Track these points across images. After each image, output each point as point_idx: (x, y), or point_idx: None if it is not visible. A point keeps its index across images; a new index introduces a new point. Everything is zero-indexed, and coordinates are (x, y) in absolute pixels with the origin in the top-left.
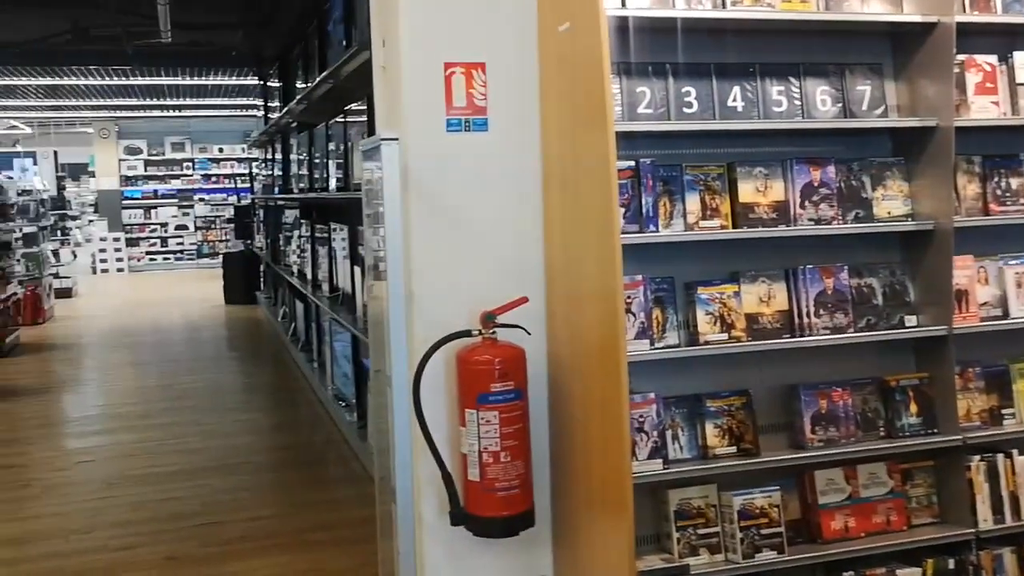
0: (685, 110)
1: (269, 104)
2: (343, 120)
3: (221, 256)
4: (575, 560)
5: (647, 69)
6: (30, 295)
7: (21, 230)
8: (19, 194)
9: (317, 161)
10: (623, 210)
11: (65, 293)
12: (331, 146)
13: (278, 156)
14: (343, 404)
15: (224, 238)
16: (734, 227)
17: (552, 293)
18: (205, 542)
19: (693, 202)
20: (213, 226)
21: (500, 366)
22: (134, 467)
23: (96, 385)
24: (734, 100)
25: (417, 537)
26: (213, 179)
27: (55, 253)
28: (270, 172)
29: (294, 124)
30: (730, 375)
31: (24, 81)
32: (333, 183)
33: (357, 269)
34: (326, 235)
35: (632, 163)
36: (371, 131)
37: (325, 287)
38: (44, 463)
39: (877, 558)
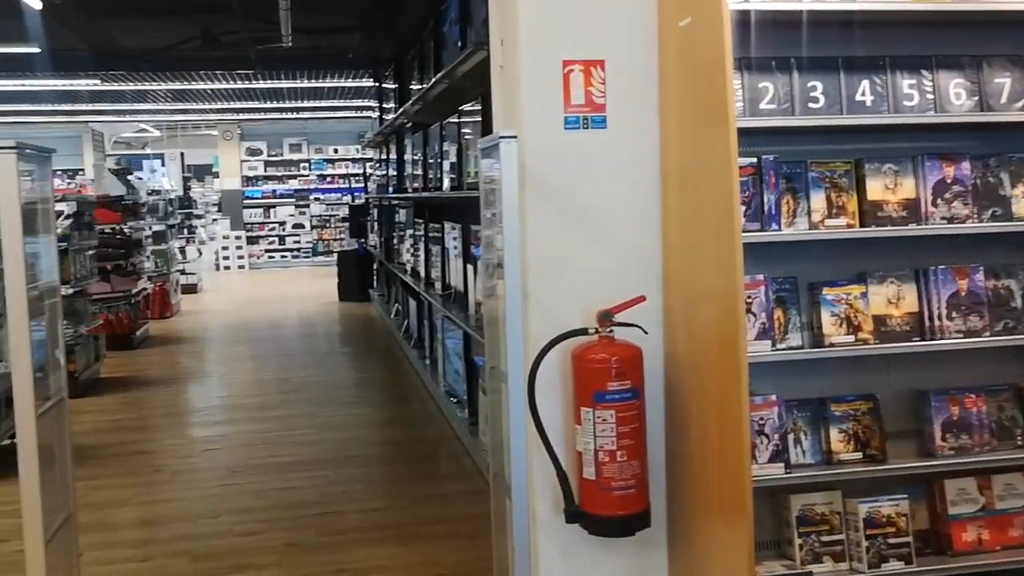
0: (811, 105)
1: (384, 105)
2: (457, 120)
3: (336, 254)
4: (691, 564)
5: (770, 64)
6: (158, 290)
7: (151, 228)
8: (149, 194)
9: (431, 161)
10: (744, 208)
11: (191, 289)
12: (444, 146)
13: (392, 156)
14: (455, 400)
15: (338, 236)
16: (861, 226)
17: (670, 292)
18: (323, 531)
19: (818, 200)
20: (327, 225)
21: (617, 365)
22: (255, 456)
23: (218, 377)
24: (862, 94)
25: (531, 534)
26: (328, 179)
27: (182, 250)
28: (384, 172)
29: (408, 124)
30: (856, 379)
31: (155, 86)
32: (447, 182)
33: (470, 267)
34: (439, 234)
35: (754, 160)
36: (486, 130)
37: (438, 285)
38: (172, 450)
39: (1012, 573)
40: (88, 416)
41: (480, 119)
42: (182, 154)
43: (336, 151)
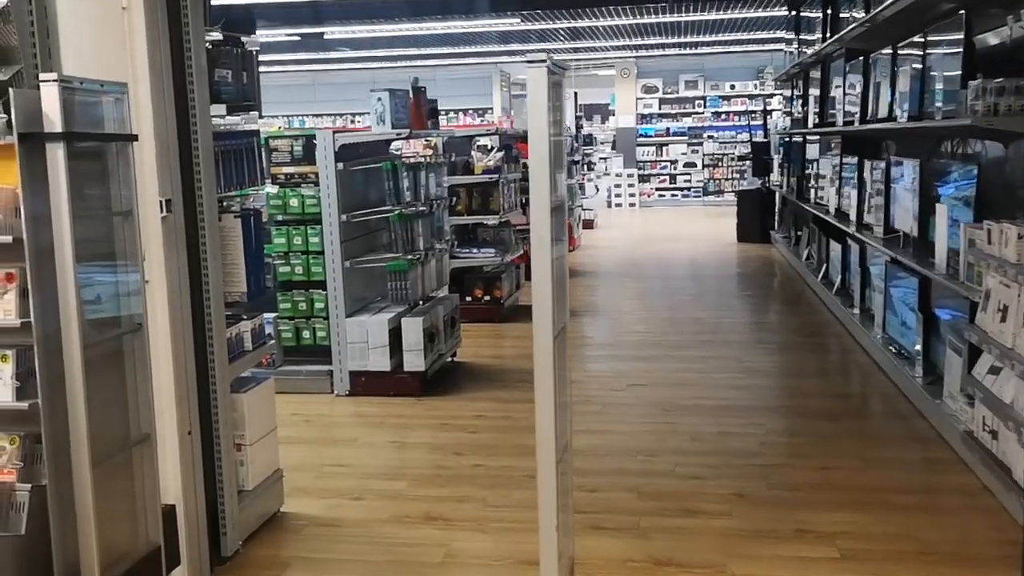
0: None
1: (802, 37)
2: (922, 40)
3: (732, 194)
4: None
5: None
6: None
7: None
8: None
9: (871, 92)
10: None
11: (587, 224)
12: (897, 72)
13: (811, 90)
14: (900, 355)
15: (730, 176)
16: None
17: None
18: (772, 484)
19: None
20: (720, 164)
21: None
22: (683, 397)
23: (627, 312)
24: None
25: None
26: (723, 116)
27: (580, 187)
28: (796, 107)
29: (838, 53)
30: None
31: (556, 25)
32: (900, 113)
33: (939, 208)
34: (880, 171)
35: None
36: (969, 53)
37: (877, 228)
38: (598, 382)
39: None
40: (515, 342)
41: (963, 37)
42: (575, 93)
43: (732, 87)
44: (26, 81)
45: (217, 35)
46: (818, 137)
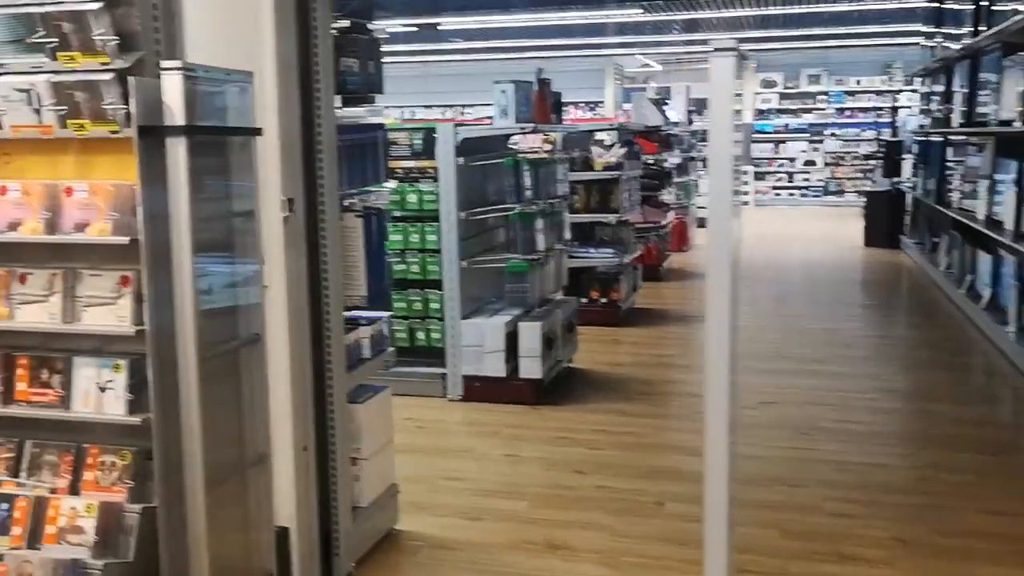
0: None
1: (945, 30)
2: None
3: (864, 195)
4: None
5: None
6: (678, 223)
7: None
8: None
9: None
10: None
11: (701, 222)
12: None
13: (956, 87)
14: None
15: (852, 175)
16: None
17: None
18: (937, 529)
19: None
20: (842, 162)
21: None
22: (822, 418)
23: (749, 319)
24: None
25: None
26: (847, 113)
27: (695, 184)
28: (938, 104)
29: (991, 47)
30: None
31: (672, 16)
32: None
33: None
34: None
35: None
36: None
37: None
38: None
39: None
40: (633, 348)
41: None
42: (687, 87)
43: (858, 82)
44: (147, 70)
45: (344, 22)
46: (964, 138)
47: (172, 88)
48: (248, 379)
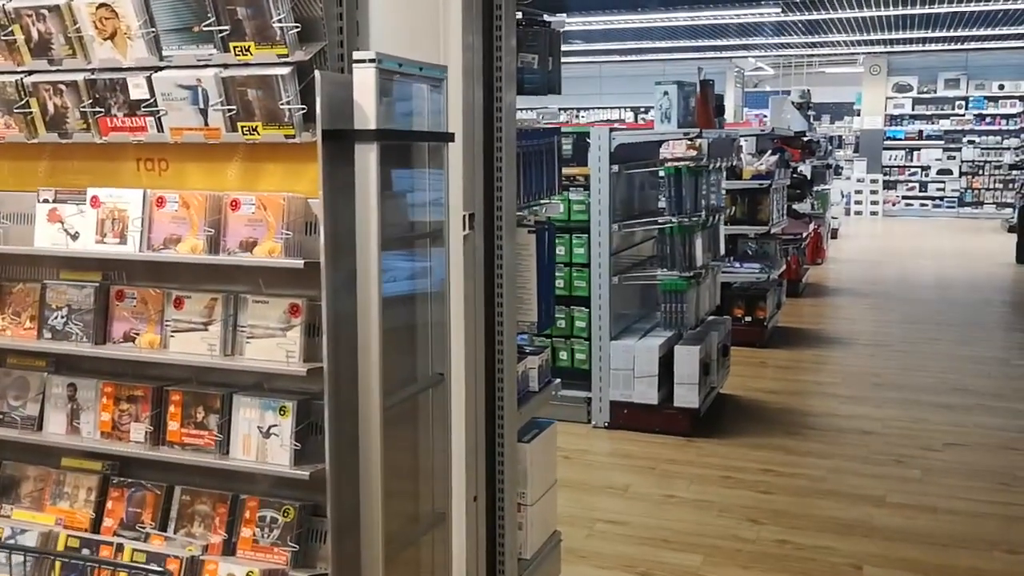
0: None
1: None
2: None
3: (1017, 209)
4: None
5: None
6: (814, 234)
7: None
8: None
9: None
10: None
11: (832, 233)
12: None
13: None
14: None
15: (991, 186)
16: None
17: None
18: None
19: None
20: (981, 172)
21: None
22: (1021, 467)
23: (906, 344)
24: None
25: None
26: (987, 120)
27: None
28: None
29: None
30: None
31: (790, 17)
32: None
33: None
34: None
35: None
36: None
37: None
38: (903, 435)
39: None
40: (783, 372)
41: None
42: (808, 91)
43: (1002, 87)
44: (329, 63)
45: (518, 14)
46: None
47: (364, 85)
48: (427, 426)
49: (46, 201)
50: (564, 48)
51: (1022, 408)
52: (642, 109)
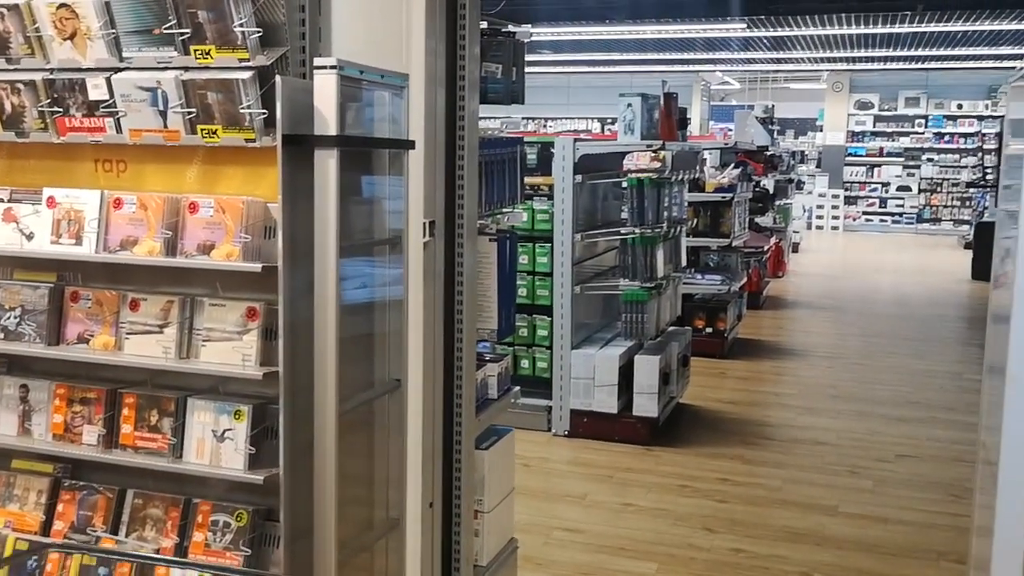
0: None
1: None
2: None
3: (973, 226)
4: None
5: None
6: (775, 248)
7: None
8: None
9: None
10: None
11: (793, 247)
12: None
13: None
14: None
15: (949, 203)
16: None
17: None
18: None
19: None
20: (939, 189)
21: None
22: (971, 479)
23: (862, 358)
24: None
25: None
26: (945, 138)
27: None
28: None
29: None
30: None
31: (761, 33)
32: None
33: None
34: None
35: None
36: None
37: None
38: (856, 445)
39: None
40: (743, 384)
41: None
42: (772, 106)
43: (960, 106)
44: (290, 68)
45: (483, 23)
46: None
47: (325, 90)
48: (383, 432)
49: (1, 200)
50: (532, 58)
51: (974, 421)
52: (609, 120)
